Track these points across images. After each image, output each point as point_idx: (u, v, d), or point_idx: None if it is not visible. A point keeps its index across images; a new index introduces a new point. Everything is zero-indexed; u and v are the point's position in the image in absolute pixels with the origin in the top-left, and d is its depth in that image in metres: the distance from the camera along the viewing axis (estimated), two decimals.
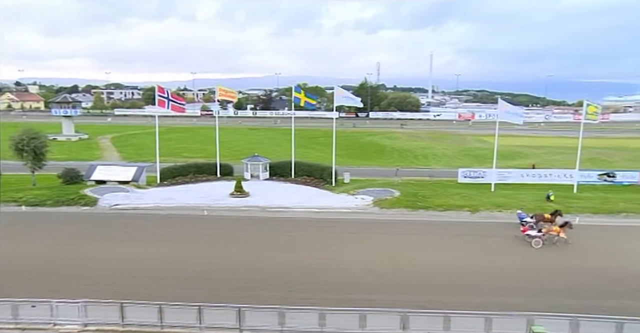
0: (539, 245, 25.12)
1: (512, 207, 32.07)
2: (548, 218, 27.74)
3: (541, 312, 15.86)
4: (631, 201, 33.88)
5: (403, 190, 36.27)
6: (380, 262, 22.69)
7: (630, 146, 66.12)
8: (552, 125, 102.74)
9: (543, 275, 21.15)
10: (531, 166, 44.87)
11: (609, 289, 19.68)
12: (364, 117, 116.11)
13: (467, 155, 57.53)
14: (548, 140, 73.39)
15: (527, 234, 26.05)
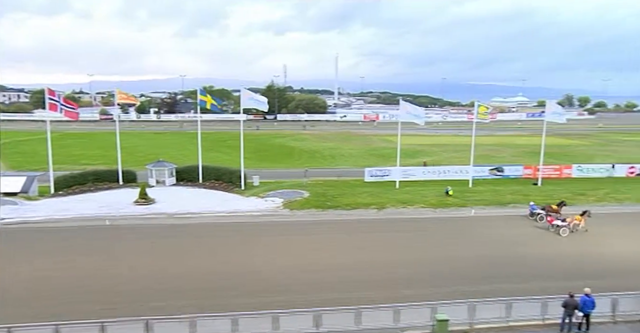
0: (565, 233, 26.97)
1: (416, 202, 33.84)
2: (555, 209, 29.96)
3: (442, 300, 16.87)
4: (517, 192, 37.23)
5: (312, 191, 36.77)
6: (293, 262, 22.80)
7: (515, 142, 72.54)
8: (449, 125, 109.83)
9: (441, 265, 22.43)
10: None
11: (497, 274, 21.34)
12: (272, 119, 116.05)
13: (373, 154, 59.65)
14: (446, 139, 78.24)
15: (554, 224, 27.81)
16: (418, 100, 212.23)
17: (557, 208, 30.37)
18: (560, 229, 27.42)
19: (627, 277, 20.63)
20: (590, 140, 78.68)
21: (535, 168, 43.71)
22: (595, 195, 36.71)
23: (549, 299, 16.88)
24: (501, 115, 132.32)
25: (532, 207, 31.14)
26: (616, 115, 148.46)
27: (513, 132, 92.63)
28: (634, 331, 16.62)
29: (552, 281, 20.00)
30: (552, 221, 28.35)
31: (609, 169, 46.05)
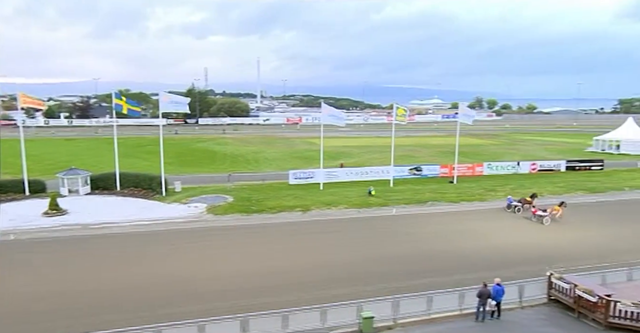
0: (548, 222, 29.88)
1: (340, 203, 34.43)
2: (529, 201, 33.12)
3: (368, 298, 17.30)
4: (435, 191, 39.05)
5: (237, 195, 36.27)
6: (219, 269, 22.31)
7: (432, 143, 76.09)
8: (370, 126, 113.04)
9: (367, 263, 22.95)
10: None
11: (420, 269, 22.25)
12: (193, 123, 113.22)
13: (297, 157, 59.94)
14: (367, 140, 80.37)
15: (537, 215, 30.58)
16: (340, 103, 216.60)
17: (531, 200, 33.31)
18: (543, 219, 30.14)
19: (523, 265, 22.29)
20: (498, 140, 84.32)
21: (450, 167, 46.12)
22: (503, 191, 39.29)
23: (465, 290, 17.87)
24: (419, 117, 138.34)
25: (510, 199, 33.81)
26: (519, 116, 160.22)
27: (430, 132, 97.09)
28: (538, 314, 18.03)
29: (470, 273, 21.08)
30: (536, 212, 31.04)
31: (515, 166, 49.63)
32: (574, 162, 52.41)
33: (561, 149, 69.77)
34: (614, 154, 64.70)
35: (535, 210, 31.38)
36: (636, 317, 16.43)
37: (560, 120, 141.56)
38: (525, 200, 33.54)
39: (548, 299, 18.85)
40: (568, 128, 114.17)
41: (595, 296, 16.91)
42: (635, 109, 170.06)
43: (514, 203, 33.36)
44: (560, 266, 20.56)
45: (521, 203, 33.25)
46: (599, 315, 16.86)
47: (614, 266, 20.65)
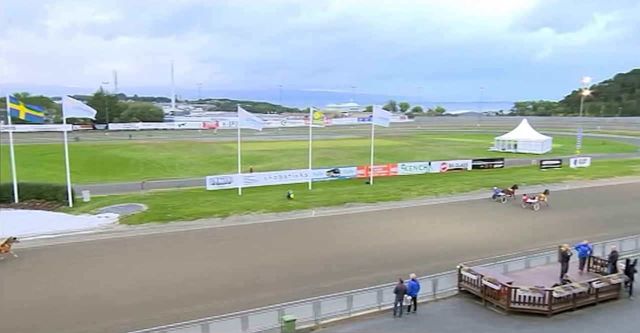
0: (538, 208, 34.49)
1: (259, 208, 34.18)
2: (511, 191, 37.80)
3: (290, 301, 17.31)
4: (352, 192, 40.03)
5: (152, 203, 34.82)
6: (132, 280, 21.23)
7: (349, 145, 77.98)
8: (288, 130, 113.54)
9: (288, 266, 22.98)
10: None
11: (341, 268, 22.66)
12: (103, 129, 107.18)
13: (214, 162, 58.73)
14: (286, 144, 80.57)
15: (528, 202, 34.97)
16: (257, 106, 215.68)
17: (512, 190, 38.08)
18: (533, 205, 34.78)
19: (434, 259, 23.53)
20: (411, 141, 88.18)
21: (367, 169, 47.49)
22: (417, 190, 41.19)
23: (383, 287, 18.45)
24: (336, 120, 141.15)
25: (496, 190, 38.25)
26: (430, 118, 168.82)
27: (347, 135, 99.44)
28: (450, 305, 19.06)
29: (389, 270, 21.75)
30: (526, 199, 35.28)
31: (426, 166, 52.17)
32: (479, 161, 56.13)
33: (468, 149, 74.41)
34: (513, 152, 70.14)
35: (526, 198, 35.52)
36: (533, 301, 17.92)
37: (466, 121, 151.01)
38: (507, 190, 38.05)
39: (459, 291, 19.97)
40: (473, 129, 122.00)
41: (499, 284, 18.19)
42: (529, 111, 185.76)
43: (499, 194, 37.61)
44: (469, 259, 21.84)
45: (505, 193, 37.58)
46: (502, 302, 18.16)
47: (515, 256, 22.30)
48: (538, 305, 17.94)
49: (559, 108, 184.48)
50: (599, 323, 17.52)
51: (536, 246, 24.15)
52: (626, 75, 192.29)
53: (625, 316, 18.04)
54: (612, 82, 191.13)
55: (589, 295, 18.79)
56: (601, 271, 20.75)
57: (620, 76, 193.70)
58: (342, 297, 17.77)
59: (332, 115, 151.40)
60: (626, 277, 19.47)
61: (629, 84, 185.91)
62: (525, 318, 17.70)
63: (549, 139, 75.24)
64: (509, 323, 17.39)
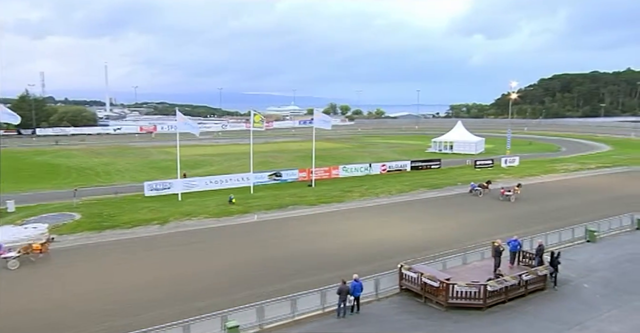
0: (513, 200, 38.23)
1: (200, 213, 33.44)
2: (486, 186, 41.65)
3: (233, 307, 17.02)
4: (295, 195, 40.07)
5: (85, 212, 33.21)
6: (67, 293, 20.11)
7: (290, 148, 78.00)
8: (229, 134, 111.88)
9: (230, 272, 22.64)
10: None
11: (283, 272, 22.62)
12: (30, 134, 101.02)
13: (153, 167, 56.89)
14: (227, 148, 79.43)
15: (505, 194, 38.77)
16: (197, 110, 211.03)
17: (487, 185, 41.96)
18: (510, 197, 38.46)
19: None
20: (352, 143, 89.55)
21: (308, 171, 47.69)
22: (359, 191, 41.83)
23: (326, 289, 18.56)
24: (277, 123, 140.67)
25: (473, 185, 41.92)
26: (370, 121, 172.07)
27: (288, 138, 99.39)
28: (391, 304, 19.47)
29: (334, 271, 21.93)
30: (504, 192, 39.17)
31: (367, 168, 53.11)
32: (417, 162, 57.83)
33: (406, 150, 76.51)
34: (449, 153, 72.88)
35: (504, 191, 39.41)
36: (469, 296, 18.67)
37: (404, 124, 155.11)
38: (483, 185, 41.84)
39: (400, 289, 20.44)
40: (411, 131, 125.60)
41: (437, 281, 18.80)
42: (464, 113, 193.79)
43: (476, 188, 41.30)
44: (409, 257, 22.41)
45: (481, 187, 41.32)
46: (441, 298, 18.79)
47: (453, 252, 23.14)
48: (474, 299, 18.70)
49: (491, 110, 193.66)
50: (528, 313, 18.51)
51: (473, 242, 25.19)
52: (548, 80, 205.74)
53: (552, 305, 19.17)
54: (536, 87, 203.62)
55: (519, 287, 19.82)
56: (529, 264, 21.92)
57: (542, 81, 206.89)
58: (285, 300, 17.72)
59: (273, 119, 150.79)
60: (551, 269, 20.72)
61: (551, 88, 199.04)
62: (462, 312, 18.40)
63: (482, 140, 78.81)
64: (447, 319, 18.01)
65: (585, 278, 21.82)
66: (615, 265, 23.62)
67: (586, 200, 39.66)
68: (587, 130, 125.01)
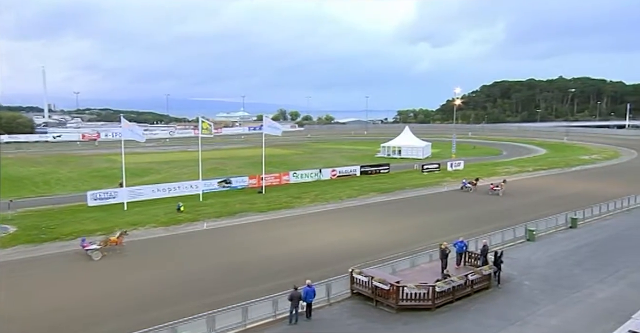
0: (501, 194, 42.82)
1: (147, 223, 32.41)
2: (475, 183, 46.20)
3: (182, 318, 16.56)
4: (244, 202, 39.64)
5: (22, 224, 31.43)
6: None
7: (240, 155, 77.22)
8: (177, 141, 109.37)
9: (180, 282, 22.05)
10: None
11: (238, 279, 22.27)
12: None
13: (97, 176, 54.64)
14: (174, 155, 77.57)
15: (494, 190, 43.52)
16: (143, 116, 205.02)
17: (475, 182, 46.52)
18: (499, 191, 43.08)
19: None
20: (302, 149, 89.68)
21: (259, 178, 47.32)
22: (309, 197, 41.92)
23: (278, 296, 18.44)
24: (226, 130, 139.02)
25: (464, 182, 46.40)
26: (319, 126, 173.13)
27: (238, 145, 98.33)
28: (343, 308, 19.60)
29: (286, 278, 21.80)
30: (493, 188, 43.92)
31: (317, 173, 53.33)
32: (366, 167, 58.66)
33: (356, 156, 77.49)
34: (397, 158, 74.41)
35: (493, 187, 44.09)
36: (418, 297, 19.10)
37: (354, 129, 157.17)
38: (473, 182, 46.32)
39: (351, 293, 20.61)
40: (360, 136, 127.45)
41: (388, 284, 19.11)
42: (411, 119, 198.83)
43: (467, 185, 45.62)
44: (360, 262, 22.64)
45: (471, 184, 45.85)
46: (392, 300, 19.11)
47: (402, 255, 23.60)
48: (423, 300, 19.15)
49: (437, 116, 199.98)
50: (475, 311, 19.16)
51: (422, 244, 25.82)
52: (489, 87, 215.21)
53: (496, 302, 19.94)
54: (478, 93, 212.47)
55: (466, 286, 20.49)
56: (475, 264, 22.72)
57: (484, 87, 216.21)
58: (237, 308, 17.46)
59: (222, 125, 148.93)
60: (495, 268, 21.58)
61: (492, 94, 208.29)
62: (412, 314, 18.79)
63: (428, 145, 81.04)
64: (397, 321, 18.32)
65: (525, 275, 22.84)
66: (552, 262, 24.89)
67: (526, 201, 41.64)
68: (525, 135, 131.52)
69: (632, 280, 22.30)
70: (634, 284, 21.75)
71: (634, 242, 28.70)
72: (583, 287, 21.38)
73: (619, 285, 21.70)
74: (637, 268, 23.95)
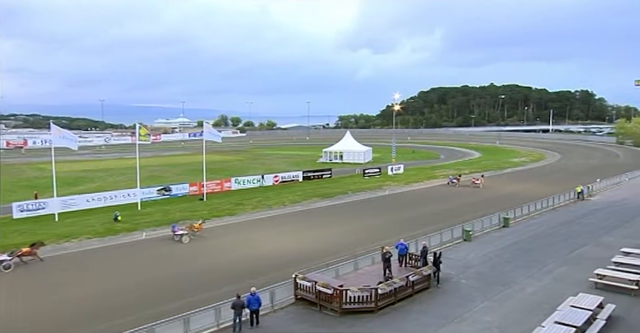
0: (480, 187, 50.33)
1: (81, 234, 30.90)
2: (459, 178, 53.24)
3: (121, 332, 15.94)
4: (185, 210, 38.72)
5: None
6: None
7: (181, 162, 75.36)
8: (113, 148, 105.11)
9: (117, 296, 21.20)
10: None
11: (175, 291, 21.67)
12: None
13: (25, 186, 51.36)
14: (111, 163, 74.49)
15: (474, 183, 50.78)
16: (76, 123, 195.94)
17: (459, 177, 53.75)
18: (479, 185, 50.53)
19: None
20: (244, 155, 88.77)
21: (200, 185, 46.37)
22: (251, 204, 41.56)
23: (221, 304, 18.11)
24: (166, 136, 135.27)
25: (451, 178, 53.55)
26: (261, 132, 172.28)
27: (178, 151, 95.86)
28: (288, 314, 19.54)
29: (228, 286, 21.48)
30: (474, 182, 51.17)
31: (259, 180, 52.97)
32: (309, 172, 58.94)
33: (298, 161, 77.68)
34: (339, 162, 75.31)
35: (474, 181, 51.46)
36: (361, 300, 19.40)
37: (296, 135, 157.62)
38: (457, 178, 53.51)
39: (295, 299, 20.59)
40: (303, 142, 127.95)
41: (331, 288, 19.28)
42: (352, 124, 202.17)
43: (453, 180, 52.61)
44: (304, 267, 22.68)
45: (456, 180, 52.78)
46: (335, 304, 19.28)
47: (346, 259, 23.87)
48: (366, 303, 19.45)
49: (377, 121, 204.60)
50: (416, 311, 19.70)
51: (364, 247, 26.24)
52: (427, 93, 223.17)
53: (436, 302, 20.60)
54: (416, 99, 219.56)
55: (407, 288, 21.03)
56: (415, 265, 23.38)
57: (422, 93, 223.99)
58: (178, 319, 16.98)
59: (161, 131, 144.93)
60: (434, 268, 22.32)
61: (429, 100, 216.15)
62: (355, 316, 19.03)
63: (369, 150, 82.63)
64: (341, 324, 18.50)
65: (462, 274, 23.78)
66: (487, 260, 26.08)
67: (464, 202, 43.42)
68: (461, 139, 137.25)
69: (557, 274, 23.78)
70: (559, 278, 23.19)
71: (558, 238, 30.62)
72: (514, 283, 22.54)
73: (546, 279, 23.05)
74: (561, 263, 25.57)
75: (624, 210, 39.49)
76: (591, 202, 43.41)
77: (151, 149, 66.17)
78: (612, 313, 18.35)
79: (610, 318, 18.07)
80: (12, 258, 24.88)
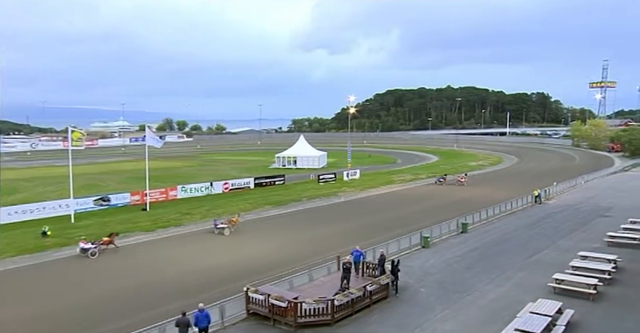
0: (465, 184, 57.54)
1: (3, 252, 29.19)
2: (444, 177, 60.09)
3: None
4: (126, 221, 37.51)
5: None
6: None
7: (121, 169, 73.15)
8: (42, 154, 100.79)
9: (50, 319, 20.25)
10: None
11: (114, 311, 20.91)
12: None
13: None
14: (39, 171, 71.48)
15: (460, 181, 57.90)
16: None
17: (445, 177, 59.85)
18: (464, 182, 57.89)
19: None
20: (191, 162, 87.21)
21: (142, 194, 45.09)
22: (199, 213, 40.80)
23: (166, 323, 17.59)
24: (103, 141, 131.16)
25: (439, 177, 60.45)
26: (210, 137, 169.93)
27: (118, 158, 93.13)
28: (239, 330, 19.24)
29: (174, 302, 20.93)
30: (460, 180, 58.49)
31: (208, 187, 52.15)
32: (261, 179, 58.55)
33: (249, 167, 77.10)
34: (293, 168, 75.37)
35: (459, 179, 58.66)
36: (317, 312, 19.36)
37: (247, 139, 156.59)
38: (443, 177, 60.24)
39: (247, 314, 20.31)
40: (254, 147, 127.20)
41: (285, 301, 19.14)
42: (306, 127, 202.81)
43: (440, 179, 59.49)
44: (256, 279, 22.44)
45: (443, 179, 59.39)
46: (290, 318, 19.14)
47: (300, 270, 23.77)
48: (322, 315, 19.42)
49: (332, 124, 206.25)
50: (374, 322, 19.85)
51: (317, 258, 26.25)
52: (383, 95, 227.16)
53: (394, 312, 20.84)
54: (372, 101, 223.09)
55: (365, 298, 21.16)
56: (373, 274, 23.59)
57: (378, 96, 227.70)
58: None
59: (98, 136, 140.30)
60: (392, 277, 22.59)
61: (386, 102, 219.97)
62: (311, 330, 18.95)
63: (324, 154, 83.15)
64: None
65: (421, 282, 24.20)
66: (446, 267, 26.68)
67: (423, 207, 44.34)
68: (418, 142, 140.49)
69: (517, 280, 24.61)
70: (519, 284, 24.01)
71: (517, 243, 31.75)
72: (474, 289, 23.14)
73: (506, 285, 23.81)
74: (520, 268, 26.51)
75: (581, 214, 41.50)
76: (549, 206, 45.34)
77: (88, 155, 63.77)
78: (571, 319, 19.11)
79: (569, 323, 18.82)
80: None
